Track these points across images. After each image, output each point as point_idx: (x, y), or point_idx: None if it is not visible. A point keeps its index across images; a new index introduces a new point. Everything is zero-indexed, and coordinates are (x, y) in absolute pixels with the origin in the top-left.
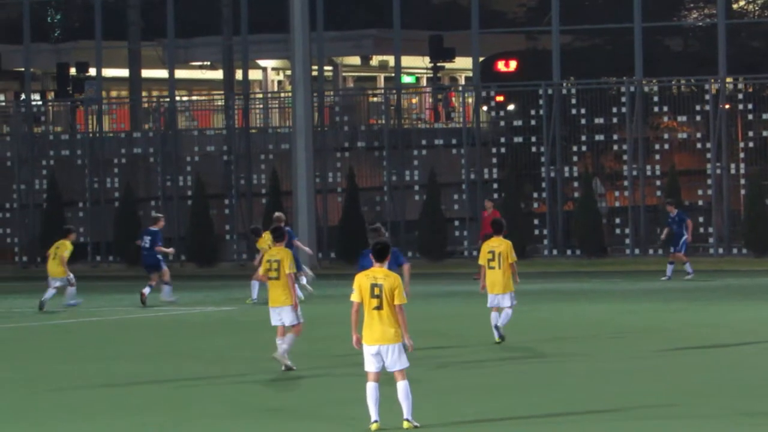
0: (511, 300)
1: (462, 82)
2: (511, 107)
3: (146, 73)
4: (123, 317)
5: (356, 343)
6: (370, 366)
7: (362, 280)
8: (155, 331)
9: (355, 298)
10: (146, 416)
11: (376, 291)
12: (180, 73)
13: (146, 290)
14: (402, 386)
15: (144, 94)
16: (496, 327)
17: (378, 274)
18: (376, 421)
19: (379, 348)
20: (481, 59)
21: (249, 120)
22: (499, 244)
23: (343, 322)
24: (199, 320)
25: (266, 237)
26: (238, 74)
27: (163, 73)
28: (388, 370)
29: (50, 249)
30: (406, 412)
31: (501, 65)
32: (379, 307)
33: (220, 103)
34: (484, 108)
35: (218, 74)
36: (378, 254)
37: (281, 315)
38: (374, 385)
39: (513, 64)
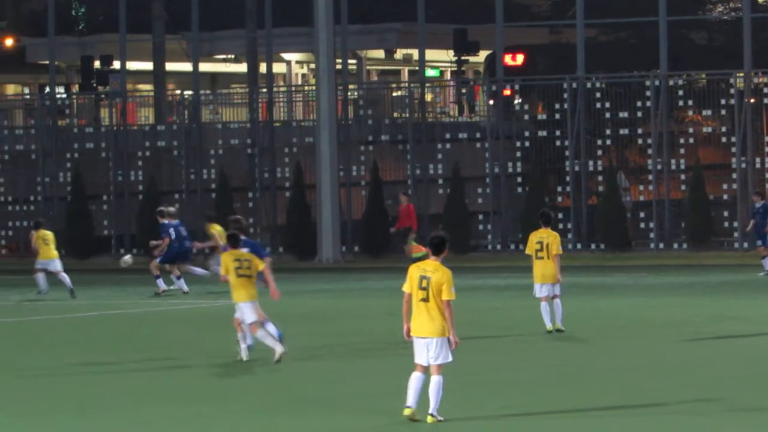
0: (556, 289)
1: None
2: (517, 101)
3: (170, 66)
4: (147, 310)
5: (406, 333)
6: (419, 358)
7: (413, 272)
8: (179, 323)
9: (405, 288)
10: (175, 408)
11: (424, 283)
12: (204, 66)
13: (182, 285)
14: (436, 380)
15: (168, 87)
16: (552, 320)
17: (429, 266)
18: (410, 407)
19: (425, 341)
20: (487, 53)
21: (273, 113)
22: (547, 236)
23: (367, 315)
24: (225, 313)
25: (217, 226)
26: (262, 67)
27: (187, 66)
28: (430, 363)
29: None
30: (432, 407)
31: (508, 59)
32: (425, 299)
33: (244, 97)
34: (491, 102)
35: (242, 67)
36: (436, 248)
37: (244, 311)
38: (419, 375)
39: (520, 58)
